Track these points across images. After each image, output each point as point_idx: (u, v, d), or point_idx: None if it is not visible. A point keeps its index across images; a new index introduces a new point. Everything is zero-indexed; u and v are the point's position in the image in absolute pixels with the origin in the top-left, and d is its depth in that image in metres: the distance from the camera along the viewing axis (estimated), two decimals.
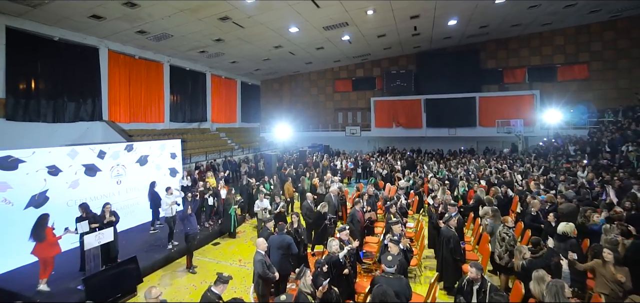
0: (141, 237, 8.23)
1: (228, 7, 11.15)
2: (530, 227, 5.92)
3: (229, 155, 18.72)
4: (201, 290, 5.62)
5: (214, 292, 3.50)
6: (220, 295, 3.49)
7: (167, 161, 10.24)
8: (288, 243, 5.04)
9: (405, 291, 3.47)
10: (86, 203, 6.55)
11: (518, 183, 9.70)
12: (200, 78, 19.86)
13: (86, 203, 6.55)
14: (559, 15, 16.73)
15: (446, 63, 20.97)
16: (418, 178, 11.24)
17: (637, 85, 17.77)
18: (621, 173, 9.29)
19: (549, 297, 3.19)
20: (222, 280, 3.54)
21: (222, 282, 3.54)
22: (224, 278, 3.56)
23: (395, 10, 13.47)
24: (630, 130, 12.95)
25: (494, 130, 19.01)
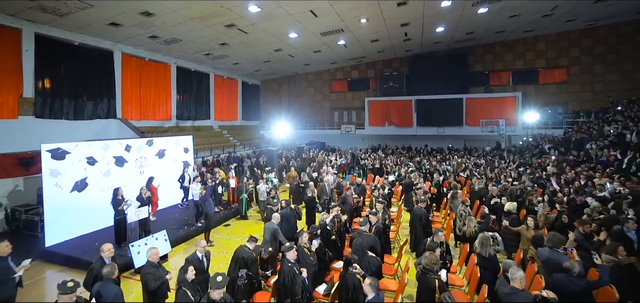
0: (165, 218, 9.51)
1: (234, 16, 12.40)
2: (488, 207, 7.29)
3: (232, 151, 19.99)
4: (218, 258, 7.01)
5: (247, 247, 4.81)
6: (252, 249, 4.78)
7: (181, 155, 11.52)
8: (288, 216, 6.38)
9: (374, 244, 4.82)
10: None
11: (489, 176, 11.08)
12: (204, 78, 21.06)
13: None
14: (539, 23, 18.10)
15: (436, 66, 22.28)
16: (404, 171, 12.61)
17: (610, 88, 19.26)
18: (582, 167, 10.70)
19: (480, 247, 4.54)
20: (253, 239, 4.83)
21: (253, 240, 4.83)
22: (254, 238, 4.86)
23: (386, 19, 14.76)
24: (595, 130, 14.41)
25: (479, 130, 20.42)
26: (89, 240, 7.76)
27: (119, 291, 3.86)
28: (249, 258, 4.73)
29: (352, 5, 12.40)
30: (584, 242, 4.74)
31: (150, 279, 4.25)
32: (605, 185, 8.21)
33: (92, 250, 7.22)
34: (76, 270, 6.74)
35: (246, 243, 4.75)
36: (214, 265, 5.74)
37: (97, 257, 6.47)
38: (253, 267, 4.62)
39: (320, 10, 12.36)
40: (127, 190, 8.95)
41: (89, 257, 6.85)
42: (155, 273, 4.32)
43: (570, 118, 19.23)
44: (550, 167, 11.12)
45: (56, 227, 7.53)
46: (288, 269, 4.23)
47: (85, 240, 7.77)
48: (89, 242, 7.68)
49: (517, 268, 3.36)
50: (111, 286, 3.76)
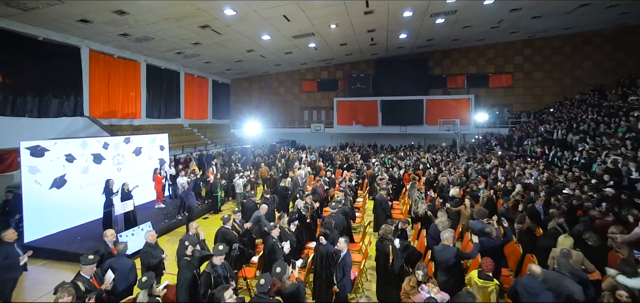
0: (146, 212, 9.82)
1: (209, 18, 12.83)
2: (439, 194, 8.58)
3: (203, 150, 20.18)
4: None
5: (226, 227, 5.56)
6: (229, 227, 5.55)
7: (157, 152, 11.79)
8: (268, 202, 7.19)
9: (341, 221, 5.80)
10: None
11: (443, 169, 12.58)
12: (174, 76, 20.98)
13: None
14: (489, 33, 20.25)
15: (400, 69, 23.94)
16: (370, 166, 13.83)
17: (547, 93, 22.00)
18: (518, 160, 12.52)
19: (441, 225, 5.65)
20: (225, 220, 5.59)
21: (226, 220, 5.59)
22: (226, 218, 5.62)
23: (354, 25, 15.88)
24: (532, 129, 16.61)
25: (437, 128, 22.34)
26: (70, 235, 8.01)
27: (133, 264, 4.46)
28: (233, 237, 5.51)
29: (323, 12, 13.35)
30: (506, 215, 6.06)
31: (149, 257, 4.88)
32: (532, 173, 9.90)
33: (76, 243, 7.54)
34: (61, 262, 7.03)
35: (223, 226, 5.54)
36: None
37: (82, 249, 6.94)
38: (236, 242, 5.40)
39: (293, 15, 13.16)
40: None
41: (74, 249, 7.18)
42: (153, 253, 4.95)
43: (514, 118, 21.70)
44: (493, 160, 12.86)
45: (36, 223, 7.68)
46: (272, 243, 5.06)
47: (66, 235, 8.00)
48: (70, 236, 7.92)
49: (446, 231, 4.49)
50: (125, 260, 4.36)
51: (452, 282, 4.11)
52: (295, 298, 3.63)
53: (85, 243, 7.47)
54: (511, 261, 5.25)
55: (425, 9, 14.33)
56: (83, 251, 7.11)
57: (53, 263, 7.08)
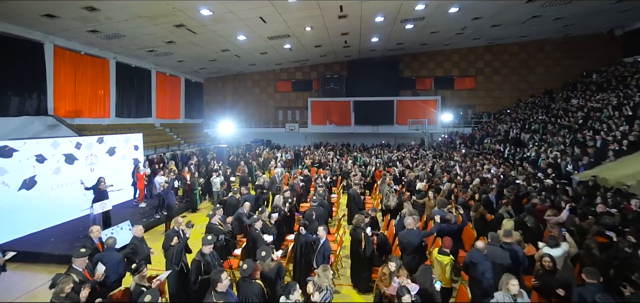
0: (123, 212, 9.74)
1: (185, 17, 12.81)
2: (407, 188, 9.32)
3: (177, 150, 19.90)
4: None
5: (212, 221, 5.86)
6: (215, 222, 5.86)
7: (132, 152, 11.65)
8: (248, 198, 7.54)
9: (322, 213, 6.29)
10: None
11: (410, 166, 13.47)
12: (145, 75, 20.47)
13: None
14: (454, 39, 21.59)
15: (372, 70, 24.85)
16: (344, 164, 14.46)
17: (505, 95, 23.83)
18: (479, 157, 13.67)
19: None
20: (211, 215, 5.90)
21: (212, 215, 5.89)
22: (211, 214, 5.92)
23: (329, 28, 16.44)
24: (491, 128, 18.05)
25: (407, 128, 23.50)
26: (42, 237, 7.85)
27: (122, 257, 4.65)
28: (219, 230, 5.82)
29: (299, 15, 13.76)
30: (464, 204, 6.84)
31: (134, 251, 5.09)
32: (490, 169, 10.95)
33: (49, 245, 7.44)
34: (35, 264, 6.93)
35: (211, 220, 5.86)
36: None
37: (57, 250, 6.92)
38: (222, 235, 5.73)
39: (269, 17, 13.46)
40: (77, 188, 9.23)
41: (49, 250, 7.11)
42: (140, 246, 5.16)
43: (476, 119, 23.32)
44: (456, 157, 13.94)
45: (4, 225, 7.46)
46: (255, 235, 5.44)
47: (38, 237, 7.83)
48: (42, 238, 7.77)
49: (409, 217, 5.14)
50: (114, 253, 4.55)
51: (417, 261, 4.73)
52: (276, 278, 4.07)
53: (60, 244, 7.40)
54: (467, 244, 6.00)
55: (395, 14, 15.17)
56: (59, 253, 7.11)
57: (26, 265, 6.95)
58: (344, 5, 13.19)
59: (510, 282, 3.27)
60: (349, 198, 8.34)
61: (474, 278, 4.01)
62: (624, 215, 5.32)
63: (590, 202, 6.30)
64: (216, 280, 3.38)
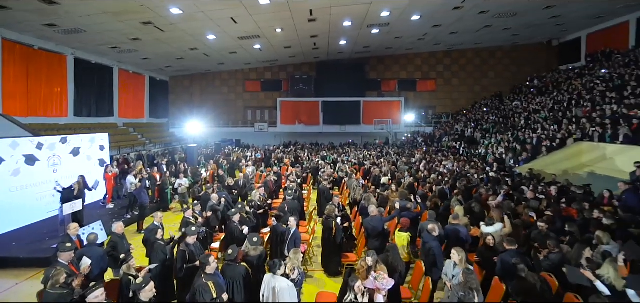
0: (93, 212, 9.50)
1: (153, 15, 12.62)
2: (373, 183, 10.08)
3: (142, 150, 19.31)
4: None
5: (187, 216, 6.12)
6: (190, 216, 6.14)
7: (97, 153, 11.31)
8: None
9: (296, 207, 6.79)
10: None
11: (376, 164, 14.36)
12: (107, 72, 19.59)
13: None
14: (416, 44, 22.99)
15: (340, 72, 25.69)
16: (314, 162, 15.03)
17: (462, 97, 25.75)
18: (438, 154, 14.86)
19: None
20: (185, 209, 6.18)
21: (186, 210, 6.17)
22: (186, 209, 6.20)
23: (298, 31, 16.90)
24: (449, 127, 19.56)
25: (372, 127, 24.62)
26: (2, 242, 7.54)
27: (104, 253, 4.79)
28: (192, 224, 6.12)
29: (270, 17, 14.09)
30: (423, 195, 7.68)
31: (115, 247, 5.25)
32: (447, 164, 12.07)
33: (11, 249, 7.20)
34: None
35: (186, 215, 6.15)
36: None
37: (24, 253, 6.80)
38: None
39: (240, 17, 13.65)
40: (38, 190, 8.95)
41: (13, 254, 6.91)
42: (120, 243, 5.32)
43: (436, 119, 25.00)
44: (417, 155, 15.07)
45: None
46: (233, 227, 5.81)
47: None
48: (1, 243, 7.47)
49: (372, 205, 5.83)
50: (96, 249, 4.69)
51: (380, 244, 5.39)
52: (259, 262, 4.52)
53: (26, 247, 7.18)
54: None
55: (362, 20, 16.00)
56: (24, 256, 6.91)
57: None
58: (314, 9, 13.74)
59: (454, 252, 4.00)
60: (319, 193, 8.91)
61: (425, 254, 4.75)
62: (547, 200, 6.42)
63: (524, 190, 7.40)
64: (205, 263, 3.75)
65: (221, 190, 8.12)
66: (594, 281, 3.41)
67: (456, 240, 4.91)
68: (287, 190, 7.85)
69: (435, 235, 4.76)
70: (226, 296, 3.72)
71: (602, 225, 4.75)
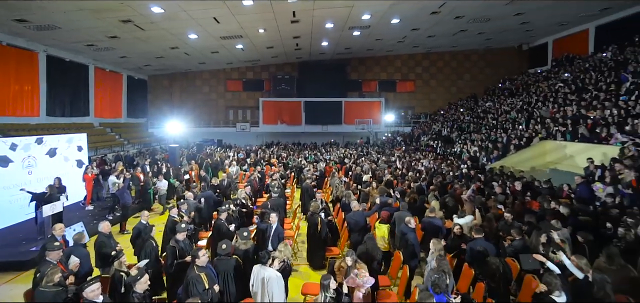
0: (74, 214, 9.36)
1: (133, 13, 12.43)
2: (355, 180, 10.44)
3: (120, 150, 18.85)
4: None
5: (172, 215, 6.22)
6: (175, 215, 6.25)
7: (75, 153, 11.04)
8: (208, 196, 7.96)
9: (281, 203, 7.02)
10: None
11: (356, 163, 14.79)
12: (82, 70, 18.94)
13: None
14: (396, 46, 23.65)
15: (322, 72, 26.00)
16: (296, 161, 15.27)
17: (439, 98, 26.70)
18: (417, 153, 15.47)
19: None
20: (170, 208, 6.28)
21: (171, 209, 6.28)
22: (170, 207, 6.30)
23: (281, 31, 17.05)
24: (427, 127, 20.33)
25: (354, 127, 25.12)
26: None
27: (88, 254, 4.83)
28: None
29: (253, 17, 14.18)
30: (401, 191, 8.11)
31: (102, 246, 5.30)
32: (424, 162, 12.64)
33: None
34: None
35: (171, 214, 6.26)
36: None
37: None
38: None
39: (223, 18, 13.66)
40: (12, 193, 8.71)
41: None
42: (106, 242, 5.37)
43: (415, 119, 25.83)
44: (397, 153, 15.62)
45: None
46: (219, 224, 5.97)
47: None
48: None
49: (353, 201, 6.17)
50: (81, 249, 4.73)
51: (362, 237, 5.72)
52: (248, 256, 4.73)
53: (1, 250, 7.02)
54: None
55: (344, 22, 16.37)
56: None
57: None
58: (297, 10, 13.97)
59: (432, 242, 4.40)
60: (302, 191, 9.16)
61: (404, 245, 5.13)
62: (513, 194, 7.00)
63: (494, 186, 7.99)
64: (195, 257, 3.93)
65: (206, 189, 8.20)
66: (546, 262, 3.87)
67: (432, 231, 5.32)
68: (273, 188, 8.06)
69: (411, 227, 5.15)
70: (217, 287, 3.92)
71: (557, 214, 5.31)
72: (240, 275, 4.45)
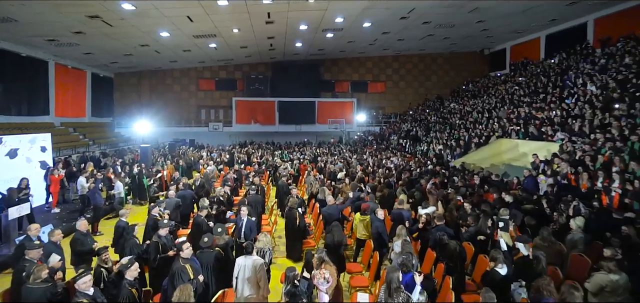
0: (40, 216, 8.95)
1: (102, 9, 12.03)
2: (329, 177, 10.90)
3: (86, 151, 18.04)
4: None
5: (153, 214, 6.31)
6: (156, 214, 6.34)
7: (38, 154, 10.55)
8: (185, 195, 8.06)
9: (259, 199, 7.30)
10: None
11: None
12: (41, 67, 17.87)
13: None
14: (367, 48, 24.42)
15: (295, 73, 26.26)
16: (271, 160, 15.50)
17: (408, 98, 27.89)
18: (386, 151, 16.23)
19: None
20: (151, 208, 6.38)
21: (152, 208, 6.37)
22: (152, 207, 6.40)
23: (255, 32, 17.13)
24: (396, 126, 21.27)
25: (327, 127, 25.66)
26: None
27: (63, 255, 4.85)
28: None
29: (227, 17, 14.19)
30: (372, 187, 8.66)
31: (79, 244, 5.33)
32: (394, 160, 13.36)
33: None
34: None
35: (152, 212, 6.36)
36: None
37: None
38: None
39: (197, 17, 13.57)
40: None
41: None
42: (83, 240, 5.39)
43: (386, 119, 26.84)
44: (368, 152, 16.31)
45: None
46: (200, 220, 6.15)
47: None
48: None
49: (328, 196, 6.60)
50: (57, 248, 4.74)
51: None
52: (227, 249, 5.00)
53: None
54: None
55: (318, 24, 16.78)
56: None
57: None
58: (272, 12, 14.18)
59: (398, 228, 4.92)
60: (278, 189, 9.47)
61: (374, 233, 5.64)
62: (472, 187, 7.79)
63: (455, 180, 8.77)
64: (180, 249, 4.14)
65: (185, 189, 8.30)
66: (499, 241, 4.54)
67: (399, 220, 5.86)
68: (250, 186, 8.30)
69: (380, 218, 5.66)
70: (202, 277, 4.16)
71: (505, 202, 6.07)
72: (221, 267, 4.71)
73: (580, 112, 10.13)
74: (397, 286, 3.36)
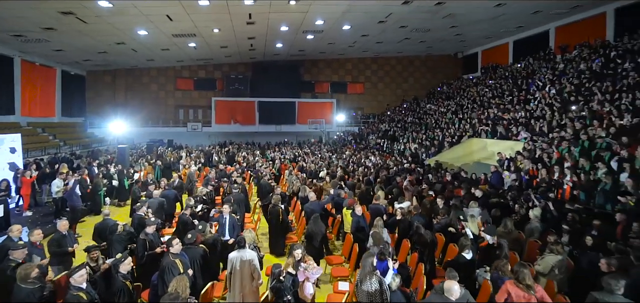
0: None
1: (76, 5, 11.66)
2: (309, 176, 11.19)
3: (57, 152, 17.33)
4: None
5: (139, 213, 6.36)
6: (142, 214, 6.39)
7: (6, 156, 10.13)
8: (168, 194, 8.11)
9: (243, 200, 7.49)
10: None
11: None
12: (5, 63, 16.99)
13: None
14: (347, 50, 24.86)
15: (276, 73, 26.29)
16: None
17: (386, 99, 28.65)
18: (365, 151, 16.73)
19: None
20: (137, 207, 6.43)
21: (138, 208, 6.42)
22: (137, 206, 6.45)
23: (236, 32, 17.13)
24: (375, 126, 21.89)
25: (307, 127, 25.95)
26: None
27: (44, 255, 4.85)
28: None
29: (208, 17, 14.15)
30: (351, 185, 9.05)
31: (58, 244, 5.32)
32: (372, 159, 13.86)
33: None
34: None
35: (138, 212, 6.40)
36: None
37: None
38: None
39: (176, 16, 13.44)
40: None
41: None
42: (63, 240, 5.39)
43: (364, 119, 27.48)
44: (347, 151, 16.76)
45: None
46: (185, 218, 6.27)
47: None
48: None
49: (310, 192, 6.93)
50: (36, 250, 4.74)
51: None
52: (213, 244, 5.19)
53: None
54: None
55: (298, 26, 17.02)
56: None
57: None
58: (253, 13, 14.29)
59: (375, 220, 5.31)
60: (259, 187, 9.69)
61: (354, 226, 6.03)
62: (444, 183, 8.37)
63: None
64: (170, 245, 4.30)
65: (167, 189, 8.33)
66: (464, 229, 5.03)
67: (377, 214, 6.25)
68: (234, 184, 8.46)
69: (358, 213, 6.05)
70: (191, 271, 4.34)
71: (474, 197, 6.62)
72: (206, 262, 4.90)
73: (541, 113, 11.01)
74: (372, 270, 3.71)
